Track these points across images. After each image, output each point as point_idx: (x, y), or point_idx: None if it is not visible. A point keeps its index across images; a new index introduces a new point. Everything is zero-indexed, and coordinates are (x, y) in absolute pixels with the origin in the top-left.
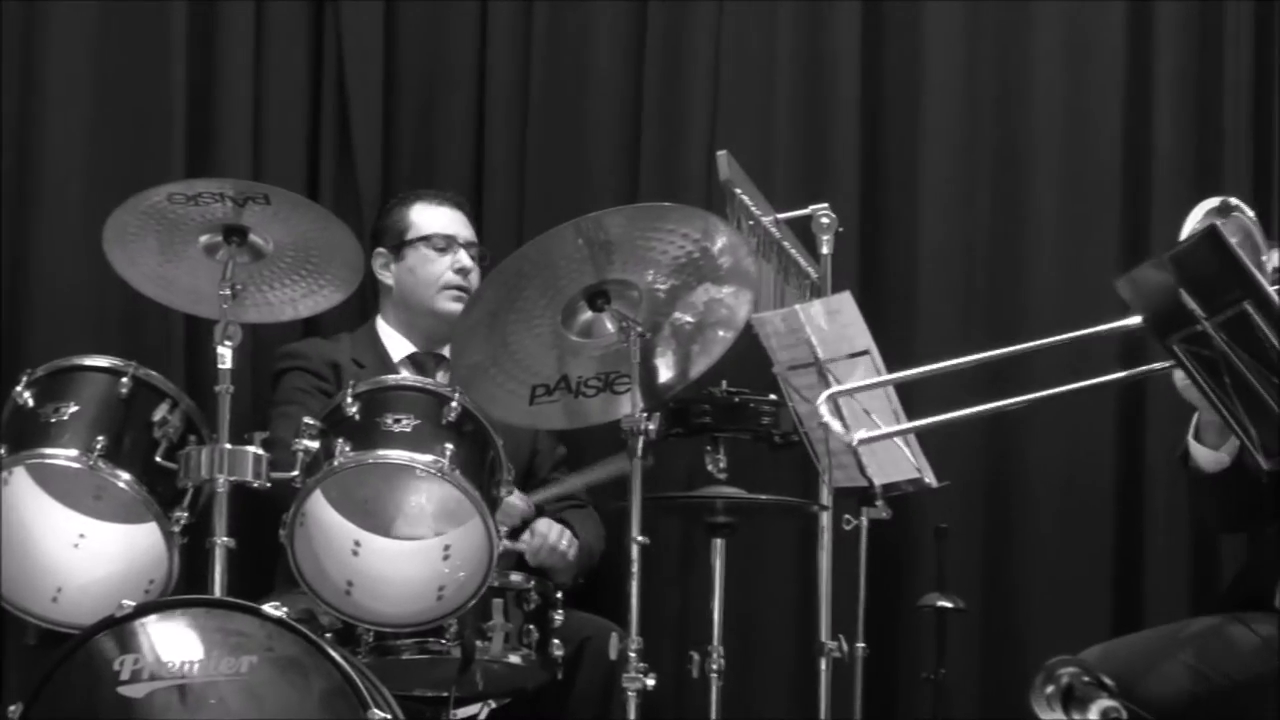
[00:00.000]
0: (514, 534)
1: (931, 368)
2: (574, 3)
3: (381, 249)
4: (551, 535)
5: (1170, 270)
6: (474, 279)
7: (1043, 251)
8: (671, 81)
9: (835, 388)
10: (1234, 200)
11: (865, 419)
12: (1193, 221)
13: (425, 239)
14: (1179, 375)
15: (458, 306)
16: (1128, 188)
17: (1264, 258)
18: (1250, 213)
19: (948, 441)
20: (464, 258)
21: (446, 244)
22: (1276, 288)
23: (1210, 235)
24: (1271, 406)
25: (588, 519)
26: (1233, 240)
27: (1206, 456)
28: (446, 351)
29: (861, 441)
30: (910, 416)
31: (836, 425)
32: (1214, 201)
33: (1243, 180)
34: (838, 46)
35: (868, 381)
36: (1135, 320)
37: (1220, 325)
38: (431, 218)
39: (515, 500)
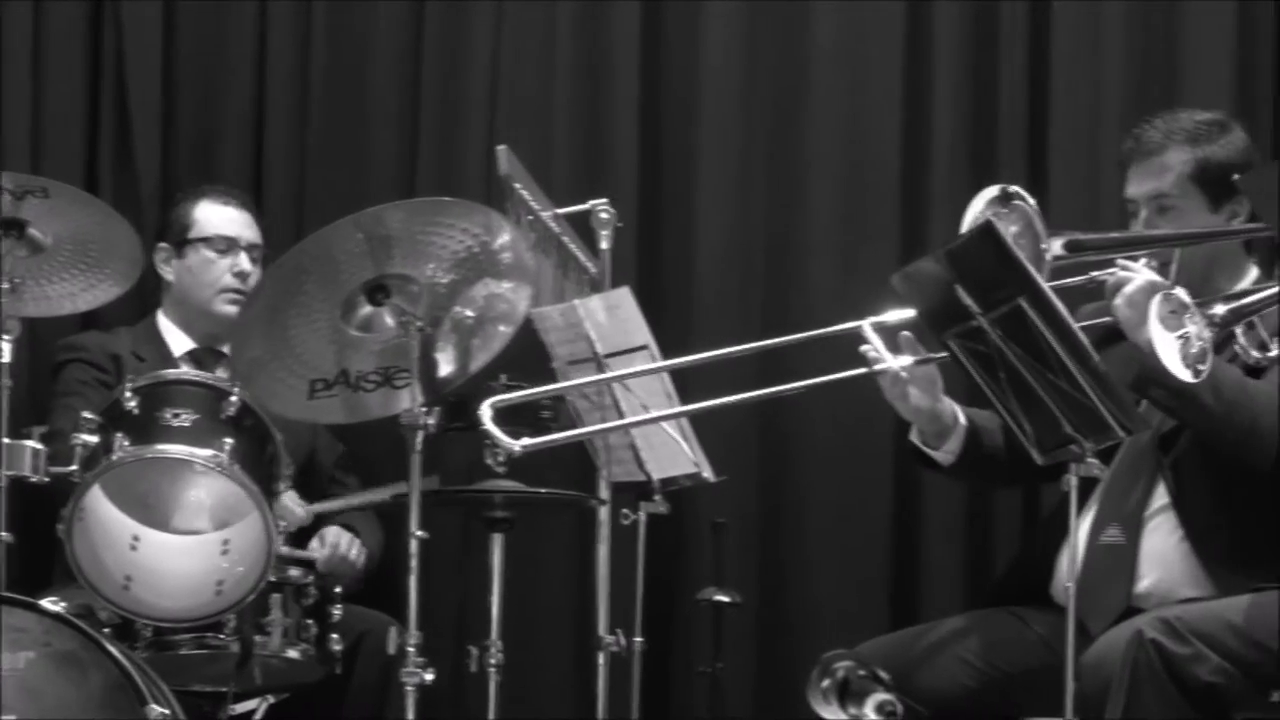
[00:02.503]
0: (297, 538)
1: (688, 359)
2: (353, 1)
3: (164, 244)
4: (342, 544)
5: (946, 266)
6: (253, 283)
7: (821, 247)
8: (450, 78)
9: (496, 397)
10: (1014, 188)
11: (643, 414)
12: (974, 211)
13: (206, 240)
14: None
15: (235, 310)
16: (906, 184)
17: (1043, 246)
18: (1032, 201)
19: (725, 436)
20: (244, 261)
21: (227, 246)
22: (1052, 283)
23: (986, 231)
24: (1045, 402)
25: (370, 522)
26: (1013, 229)
27: (936, 455)
28: (226, 349)
29: (524, 448)
30: None
31: (501, 436)
32: (994, 190)
33: (1019, 174)
34: (617, 45)
35: (535, 390)
36: (907, 314)
37: (995, 321)
38: (214, 217)
39: (294, 506)
